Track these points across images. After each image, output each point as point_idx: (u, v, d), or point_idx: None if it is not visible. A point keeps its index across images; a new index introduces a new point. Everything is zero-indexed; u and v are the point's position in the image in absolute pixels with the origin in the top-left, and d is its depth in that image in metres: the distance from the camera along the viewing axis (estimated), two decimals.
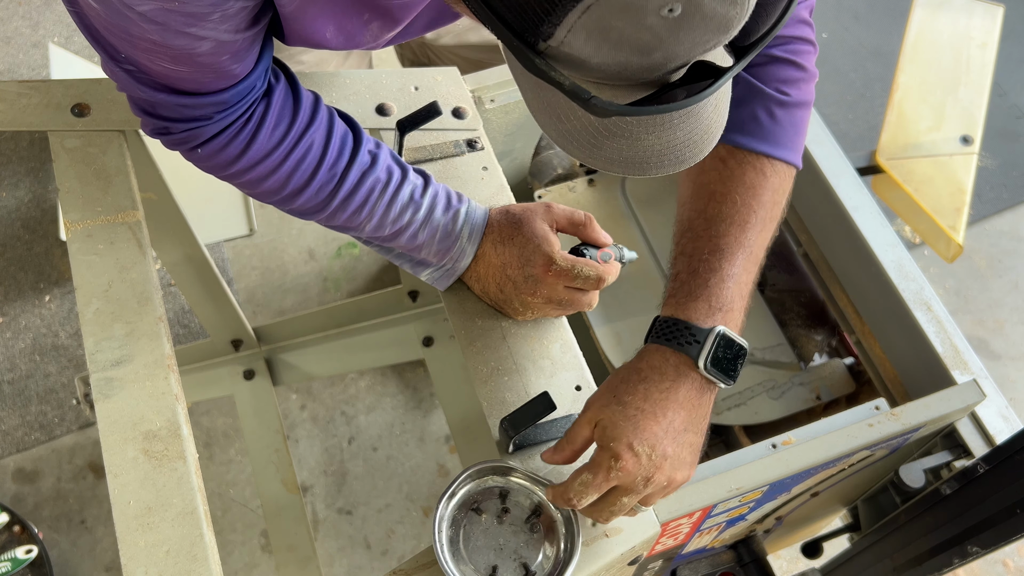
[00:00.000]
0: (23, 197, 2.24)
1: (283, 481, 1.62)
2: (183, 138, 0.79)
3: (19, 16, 2.55)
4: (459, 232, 0.92)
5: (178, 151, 0.83)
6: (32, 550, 1.71)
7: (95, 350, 0.88)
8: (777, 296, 1.33)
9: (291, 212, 0.90)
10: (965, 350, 1.05)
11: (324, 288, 2.17)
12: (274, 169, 0.83)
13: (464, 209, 0.93)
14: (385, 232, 0.90)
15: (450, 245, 0.93)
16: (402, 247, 0.94)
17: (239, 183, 0.86)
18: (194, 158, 0.83)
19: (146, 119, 0.79)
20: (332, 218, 0.89)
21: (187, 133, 0.78)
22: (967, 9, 1.33)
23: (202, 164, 0.84)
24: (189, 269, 1.42)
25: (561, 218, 0.94)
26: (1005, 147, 2.48)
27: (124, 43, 0.68)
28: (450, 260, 0.95)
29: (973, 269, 2.28)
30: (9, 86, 1.05)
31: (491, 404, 0.92)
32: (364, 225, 0.89)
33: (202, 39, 0.66)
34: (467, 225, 0.93)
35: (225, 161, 0.82)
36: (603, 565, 0.85)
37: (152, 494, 0.81)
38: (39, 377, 2.01)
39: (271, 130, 0.81)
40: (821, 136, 1.19)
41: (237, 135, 0.80)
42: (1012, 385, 2.12)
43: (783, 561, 1.88)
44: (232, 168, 0.83)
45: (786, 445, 0.96)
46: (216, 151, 0.81)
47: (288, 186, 0.85)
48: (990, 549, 0.97)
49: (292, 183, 0.84)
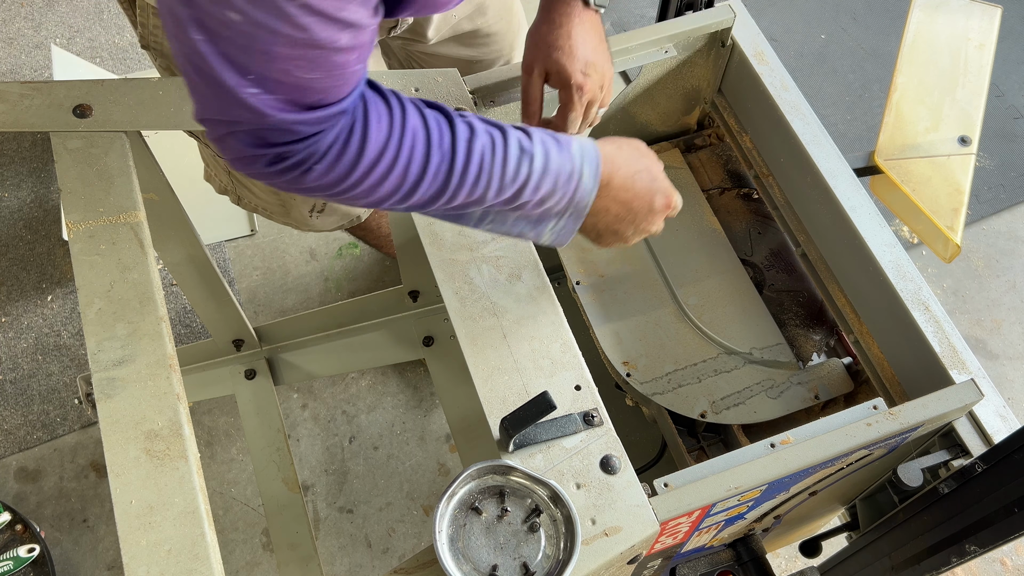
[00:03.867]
0: (25, 197, 2.25)
1: (284, 480, 1.63)
2: (303, 157, 0.74)
3: (21, 17, 2.56)
4: (580, 169, 0.89)
5: (288, 180, 0.77)
6: (34, 549, 1.71)
7: (97, 350, 0.89)
8: (776, 296, 1.34)
9: (412, 209, 0.85)
10: (963, 350, 1.05)
11: (325, 288, 2.18)
12: (392, 164, 0.79)
13: (575, 144, 0.89)
14: (508, 194, 0.86)
15: (575, 185, 0.89)
16: (526, 208, 0.89)
17: (361, 191, 0.80)
18: (310, 181, 0.77)
19: (259, 153, 0.73)
20: (453, 199, 0.84)
21: (308, 150, 0.74)
22: (965, 10, 1.34)
23: (320, 183, 0.78)
24: (191, 269, 1.43)
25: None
26: (1003, 148, 2.48)
27: (258, 58, 0.65)
28: (575, 203, 0.90)
29: (971, 269, 2.28)
30: (11, 87, 1.05)
31: (491, 404, 0.93)
32: (486, 195, 0.85)
33: (345, 27, 0.65)
34: (586, 161, 0.89)
35: (344, 170, 0.77)
36: (602, 564, 0.86)
37: (154, 493, 0.82)
38: (41, 376, 2.01)
39: (377, 123, 0.77)
40: (819, 137, 1.19)
41: (350, 138, 0.76)
42: (1010, 384, 2.13)
43: (782, 560, 1.88)
44: (352, 175, 0.78)
45: (784, 444, 0.97)
46: (334, 162, 0.76)
47: (408, 178, 0.80)
48: (988, 548, 0.97)
49: (411, 174, 0.80)
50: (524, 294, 1.01)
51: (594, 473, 0.90)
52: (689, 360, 1.25)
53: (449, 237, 1.05)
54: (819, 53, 2.65)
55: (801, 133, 1.20)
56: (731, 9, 1.28)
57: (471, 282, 1.01)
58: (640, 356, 1.26)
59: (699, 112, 1.46)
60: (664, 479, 0.92)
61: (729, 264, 1.33)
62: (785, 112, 1.22)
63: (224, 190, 1.55)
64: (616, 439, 0.92)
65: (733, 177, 1.45)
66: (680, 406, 1.22)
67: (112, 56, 2.51)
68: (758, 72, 1.26)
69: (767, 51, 1.28)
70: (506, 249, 1.04)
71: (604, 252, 1.35)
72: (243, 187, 1.49)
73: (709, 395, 1.22)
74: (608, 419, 0.93)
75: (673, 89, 1.38)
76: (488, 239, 1.05)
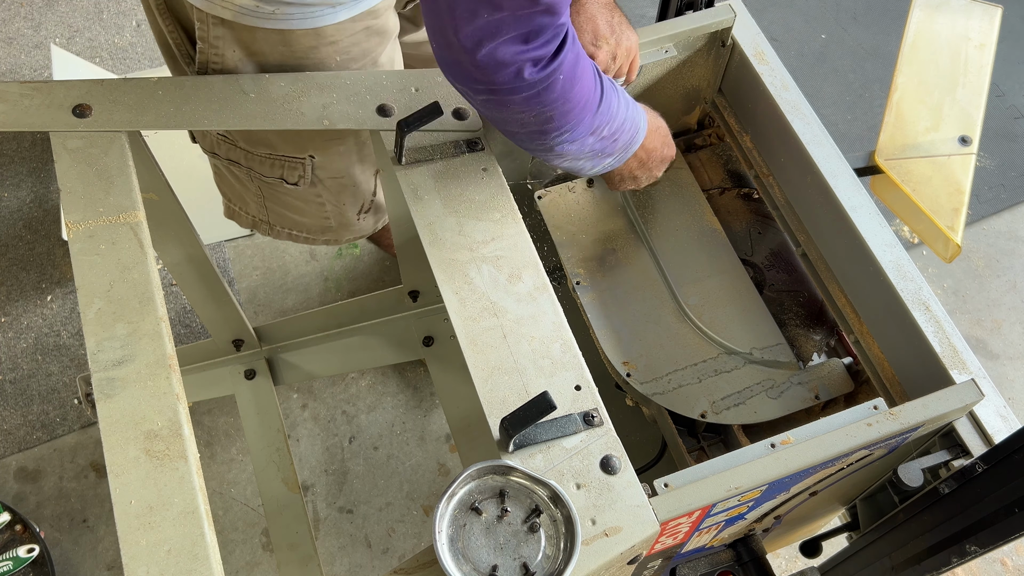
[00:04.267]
0: (25, 197, 2.25)
1: (284, 480, 1.63)
2: (555, 52, 0.87)
3: (21, 17, 2.56)
4: (637, 122, 1.08)
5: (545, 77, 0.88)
6: (34, 549, 1.71)
7: (97, 350, 0.89)
8: (776, 296, 1.34)
9: (579, 122, 0.97)
10: (963, 350, 1.05)
11: (325, 288, 2.18)
12: (584, 69, 0.93)
13: (635, 103, 1.08)
14: (605, 130, 1.02)
15: (632, 134, 1.08)
16: (602, 142, 1.04)
17: (573, 100, 0.93)
18: (559, 86, 0.90)
19: (525, 54, 0.85)
20: (600, 115, 0.99)
21: (558, 50, 0.87)
22: (965, 10, 1.34)
23: (563, 81, 0.90)
24: (190, 269, 1.43)
25: None
26: (1003, 147, 2.48)
27: None
28: (628, 147, 1.09)
29: (971, 269, 2.28)
30: (11, 87, 1.05)
31: (491, 404, 0.93)
32: (617, 111, 1.03)
33: None
34: (639, 116, 1.09)
35: (571, 74, 0.90)
36: (602, 564, 0.86)
37: (153, 493, 0.82)
38: (41, 376, 2.01)
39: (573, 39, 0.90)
40: (820, 137, 1.19)
41: (571, 44, 0.89)
42: (1010, 384, 2.13)
43: (782, 560, 1.88)
44: (576, 82, 0.92)
45: (785, 444, 0.97)
46: (570, 64, 0.89)
47: (592, 87, 0.95)
48: (988, 548, 0.97)
49: (592, 81, 0.95)
50: (524, 294, 1.01)
51: (594, 473, 0.90)
52: (689, 360, 1.25)
53: (449, 237, 1.05)
54: (819, 53, 2.65)
55: (801, 133, 1.20)
56: (731, 9, 1.28)
57: (471, 282, 1.01)
58: (640, 356, 1.26)
59: (699, 112, 1.46)
60: (664, 479, 0.92)
61: (729, 264, 1.33)
62: (785, 112, 1.22)
63: (254, 224, 1.50)
64: (616, 439, 0.92)
65: (733, 177, 1.45)
66: (680, 406, 1.21)
67: (112, 56, 2.51)
68: (758, 72, 1.26)
69: (767, 51, 1.28)
70: (506, 249, 1.04)
71: (604, 252, 1.35)
72: (277, 214, 1.45)
73: (709, 395, 1.22)
74: (608, 419, 0.93)
75: (673, 89, 1.38)
76: (488, 239, 1.05)
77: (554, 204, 1.40)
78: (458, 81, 0.91)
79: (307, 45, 1.15)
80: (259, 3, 1.08)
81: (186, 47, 1.19)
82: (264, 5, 1.08)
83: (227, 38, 1.13)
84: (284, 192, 1.37)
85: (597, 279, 1.33)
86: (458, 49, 0.84)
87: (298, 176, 1.32)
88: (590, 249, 1.35)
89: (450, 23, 0.82)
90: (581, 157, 1.05)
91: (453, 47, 0.85)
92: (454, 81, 0.91)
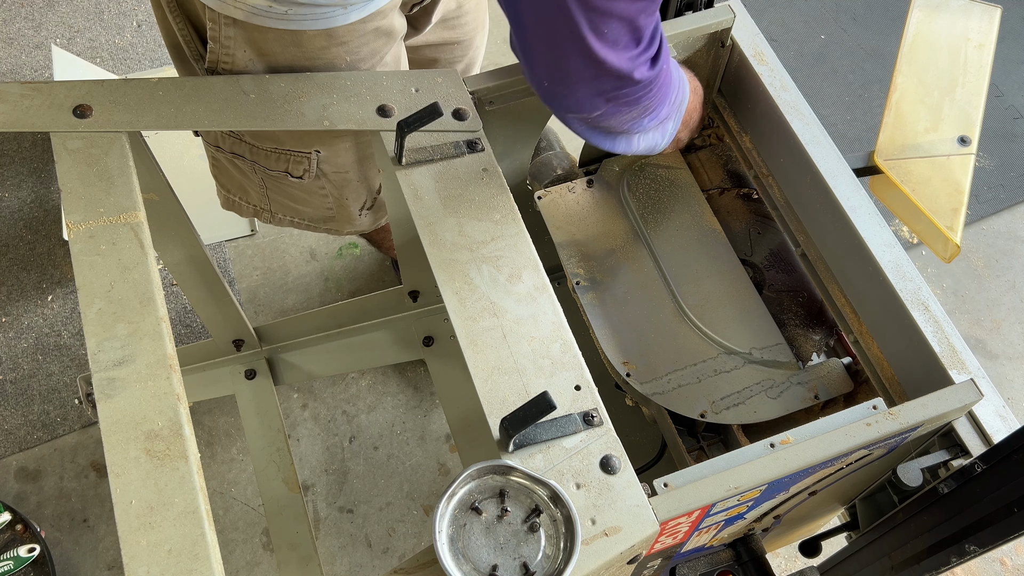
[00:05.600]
0: (26, 197, 2.25)
1: (284, 480, 1.63)
2: (659, 46, 0.99)
3: (21, 18, 2.56)
4: (685, 91, 1.19)
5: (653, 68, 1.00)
6: (35, 549, 1.71)
7: (97, 350, 0.89)
8: (775, 296, 1.34)
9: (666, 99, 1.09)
10: (962, 350, 1.05)
11: (325, 288, 2.18)
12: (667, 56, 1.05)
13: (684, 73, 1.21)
14: (676, 80, 1.13)
15: (684, 79, 1.18)
16: (674, 111, 1.15)
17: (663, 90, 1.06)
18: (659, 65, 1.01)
19: (638, 52, 0.96)
20: (671, 88, 1.11)
21: (659, 43, 0.99)
22: (965, 10, 1.34)
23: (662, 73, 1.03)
24: (191, 269, 1.43)
25: None
26: (1002, 148, 2.48)
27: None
28: (684, 96, 1.18)
29: (970, 269, 2.28)
30: (12, 87, 1.05)
31: (491, 404, 0.93)
32: (679, 83, 1.15)
33: None
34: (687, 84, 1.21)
35: (664, 62, 1.03)
36: (602, 564, 0.86)
37: (154, 493, 0.82)
38: (42, 376, 2.01)
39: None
40: (819, 137, 1.19)
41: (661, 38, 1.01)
42: (1009, 384, 2.13)
43: (781, 559, 1.88)
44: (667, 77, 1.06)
45: (784, 444, 0.97)
46: (664, 55, 1.02)
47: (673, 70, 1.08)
48: (988, 548, 0.97)
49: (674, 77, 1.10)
50: (524, 294, 1.01)
51: (594, 473, 0.90)
52: (689, 360, 1.25)
53: (449, 237, 1.05)
54: (819, 53, 2.65)
55: (801, 133, 1.20)
56: (731, 9, 1.28)
57: (471, 282, 1.01)
58: (640, 356, 1.26)
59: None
60: (664, 479, 0.92)
61: (729, 264, 1.33)
62: (785, 112, 1.22)
63: (256, 212, 1.51)
64: (616, 439, 0.92)
65: (733, 177, 1.45)
66: (680, 406, 1.22)
67: (112, 56, 2.51)
68: (758, 72, 1.26)
69: (767, 51, 1.28)
70: (506, 249, 1.05)
71: (604, 252, 1.35)
72: (279, 203, 1.47)
73: (709, 395, 1.22)
74: (608, 419, 0.93)
75: None
76: (488, 239, 1.05)
77: (554, 204, 1.40)
78: (574, 106, 1.02)
79: (318, 46, 1.15)
80: (272, 3, 1.09)
81: (196, 46, 1.20)
82: (277, 6, 1.09)
83: (238, 38, 1.13)
84: (288, 184, 1.38)
85: (597, 279, 1.33)
86: (586, 67, 0.94)
87: (303, 170, 1.33)
88: (590, 249, 1.36)
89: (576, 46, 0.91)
90: (658, 132, 1.15)
91: (576, 69, 0.95)
92: (569, 107, 1.03)
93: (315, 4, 1.10)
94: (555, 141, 1.53)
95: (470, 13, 1.50)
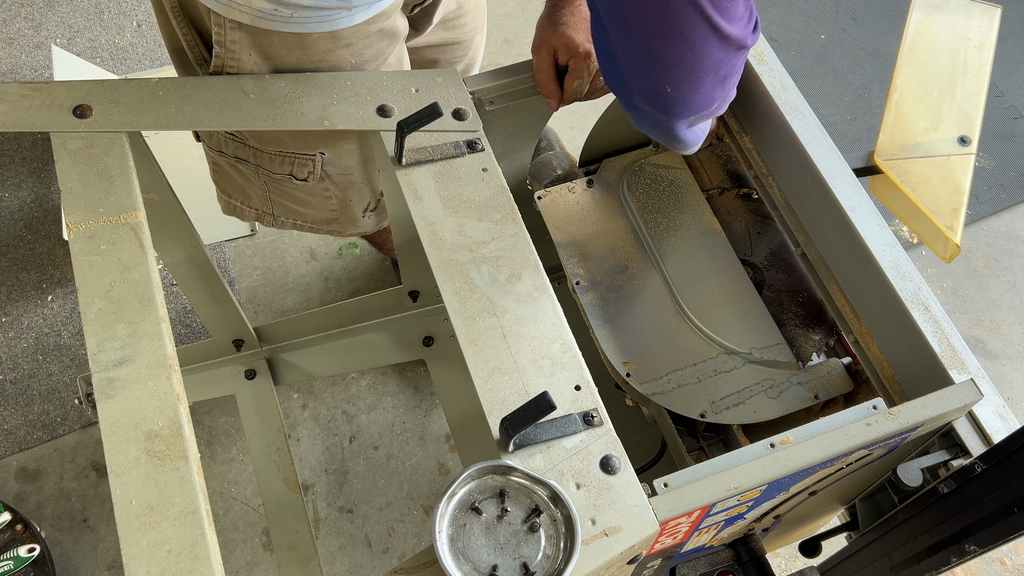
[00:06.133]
0: (26, 197, 2.25)
1: (284, 480, 1.63)
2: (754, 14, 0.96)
3: (22, 18, 2.56)
4: None
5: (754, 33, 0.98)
6: (35, 549, 1.71)
7: (97, 350, 0.89)
8: (775, 296, 1.34)
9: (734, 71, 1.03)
10: (962, 350, 1.05)
11: (325, 288, 2.18)
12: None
13: None
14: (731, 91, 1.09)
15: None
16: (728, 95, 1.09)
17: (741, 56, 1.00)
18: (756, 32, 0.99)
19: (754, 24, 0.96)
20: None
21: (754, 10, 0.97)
22: (964, 10, 1.34)
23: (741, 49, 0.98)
24: (191, 269, 1.43)
25: None
26: (1002, 148, 2.48)
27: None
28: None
29: (970, 269, 2.28)
30: (11, 87, 1.05)
31: (491, 404, 0.93)
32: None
33: None
34: None
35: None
36: (602, 564, 0.86)
37: (154, 493, 0.82)
38: (42, 376, 2.01)
39: None
40: (819, 137, 1.20)
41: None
42: (1009, 384, 2.13)
43: (781, 559, 1.88)
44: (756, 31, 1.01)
45: (784, 444, 0.97)
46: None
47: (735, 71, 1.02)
48: (988, 548, 0.97)
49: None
50: (524, 294, 1.01)
51: (594, 473, 0.90)
52: (689, 360, 1.25)
53: (449, 237, 1.05)
54: (819, 53, 2.65)
55: (800, 133, 1.20)
56: None
57: (471, 282, 1.01)
58: (640, 356, 1.26)
59: None
60: (664, 479, 0.92)
61: (729, 264, 1.33)
62: (785, 112, 1.22)
63: (258, 216, 1.51)
64: (616, 439, 0.92)
65: (733, 177, 1.45)
66: (680, 406, 1.22)
67: (112, 56, 2.51)
68: (758, 72, 1.26)
69: (767, 51, 1.28)
70: (506, 249, 1.05)
71: (603, 252, 1.35)
72: (282, 206, 1.46)
73: (709, 395, 1.22)
74: (608, 419, 0.93)
75: None
76: (488, 239, 1.05)
77: (554, 204, 1.40)
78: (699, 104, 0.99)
79: (323, 48, 1.15)
80: (277, 7, 1.09)
81: (200, 50, 1.19)
82: (282, 9, 1.09)
83: (244, 42, 1.13)
84: (292, 187, 1.38)
85: (597, 279, 1.33)
86: (713, 49, 0.91)
87: (307, 172, 1.33)
88: (590, 249, 1.36)
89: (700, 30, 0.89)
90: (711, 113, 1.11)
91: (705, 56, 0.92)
92: (694, 107, 1.00)
93: (320, 7, 1.10)
94: (555, 141, 1.53)
95: (470, 13, 1.50)
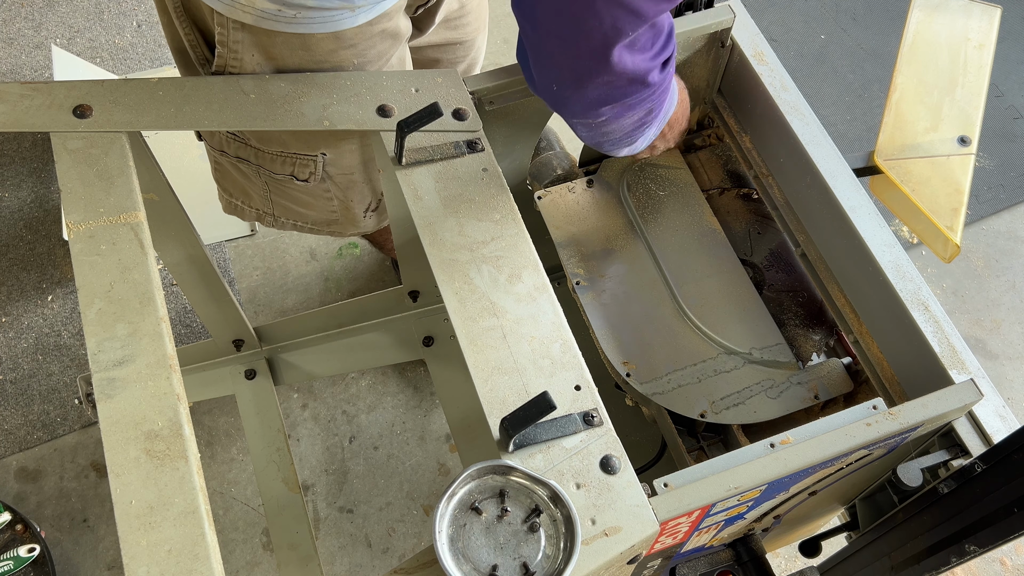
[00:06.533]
0: (26, 197, 2.25)
1: (284, 480, 1.63)
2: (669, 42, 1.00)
3: (22, 18, 2.56)
4: (674, 98, 1.19)
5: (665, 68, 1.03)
6: (35, 549, 1.71)
7: (97, 350, 0.89)
8: (775, 296, 1.34)
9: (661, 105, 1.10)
10: (962, 350, 1.05)
11: (325, 288, 2.18)
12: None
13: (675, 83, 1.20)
14: (662, 119, 1.16)
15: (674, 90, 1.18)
16: (656, 121, 1.14)
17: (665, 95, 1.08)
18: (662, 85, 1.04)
19: (655, 52, 0.98)
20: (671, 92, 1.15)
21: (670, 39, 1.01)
22: (964, 10, 1.34)
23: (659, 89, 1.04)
24: (191, 269, 1.43)
25: None
26: (1002, 148, 2.48)
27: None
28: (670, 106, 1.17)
29: (970, 269, 2.28)
30: (11, 87, 1.05)
31: (491, 404, 0.93)
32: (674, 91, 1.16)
33: None
34: (675, 94, 1.20)
35: (671, 72, 1.06)
36: (602, 564, 0.86)
37: (154, 493, 0.82)
38: (42, 376, 2.01)
39: None
40: (819, 137, 1.20)
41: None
42: (1009, 384, 2.13)
43: (781, 559, 1.88)
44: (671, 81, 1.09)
45: (784, 444, 0.97)
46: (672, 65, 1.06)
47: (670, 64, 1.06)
48: (988, 548, 0.97)
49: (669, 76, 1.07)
50: (524, 294, 1.01)
51: (594, 473, 0.90)
52: (689, 360, 1.25)
53: (449, 237, 1.05)
54: (819, 53, 2.65)
55: (801, 133, 1.20)
56: (731, 9, 1.28)
57: (471, 282, 1.01)
58: (640, 356, 1.26)
59: (699, 112, 1.46)
60: (664, 479, 0.92)
61: (729, 264, 1.33)
62: (785, 112, 1.22)
63: (259, 216, 1.51)
64: (616, 439, 0.92)
65: (733, 177, 1.45)
66: (680, 406, 1.22)
67: (112, 56, 2.51)
68: (758, 72, 1.26)
69: (767, 51, 1.28)
70: (506, 249, 1.05)
71: (603, 252, 1.35)
72: (282, 207, 1.46)
73: (709, 395, 1.22)
74: (608, 419, 0.93)
75: None
76: (488, 239, 1.05)
77: (554, 204, 1.40)
78: (580, 112, 1.03)
79: (326, 49, 1.15)
80: (281, 7, 1.09)
81: (202, 50, 1.19)
82: (286, 9, 1.09)
83: (247, 42, 1.13)
84: (293, 188, 1.37)
85: (597, 279, 1.33)
86: (602, 70, 0.93)
87: (309, 173, 1.33)
88: (590, 249, 1.36)
89: (595, 47, 0.91)
90: (637, 136, 1.15)
91: (590, 72, 0.94)
92: (576, 113, 1.04)
93: (323, 7, 1.10)
94: (555, 141, 1.53)
95: (472, 13, 1.50)
